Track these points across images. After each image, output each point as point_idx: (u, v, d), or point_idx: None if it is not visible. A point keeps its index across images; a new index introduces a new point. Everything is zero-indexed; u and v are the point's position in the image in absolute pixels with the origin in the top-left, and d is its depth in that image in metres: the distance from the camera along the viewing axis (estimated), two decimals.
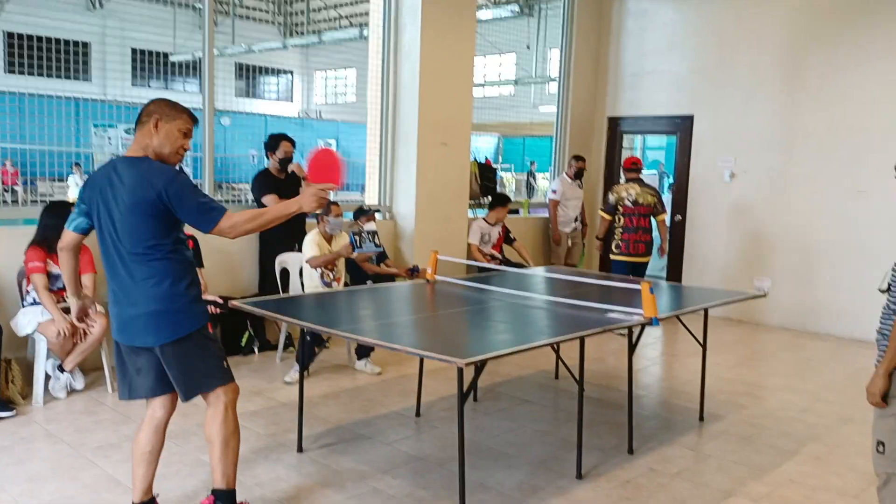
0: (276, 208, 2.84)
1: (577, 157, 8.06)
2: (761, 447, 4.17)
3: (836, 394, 5.27)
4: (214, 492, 2.93)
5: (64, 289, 4.56)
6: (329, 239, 5.40)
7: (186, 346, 2.79)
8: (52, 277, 4.57)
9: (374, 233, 5.31)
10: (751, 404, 4.98)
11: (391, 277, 5.94)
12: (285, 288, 5.63)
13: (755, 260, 7.64)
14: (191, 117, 2.85)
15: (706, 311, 4.57)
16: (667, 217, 7.20)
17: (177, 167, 2.83)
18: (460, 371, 2.83)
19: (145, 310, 2.73)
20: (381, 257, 6.10)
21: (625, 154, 9.09)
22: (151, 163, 2.75)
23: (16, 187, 10.10)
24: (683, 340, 6.56)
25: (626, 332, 4.04)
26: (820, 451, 4.14)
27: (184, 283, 2.77)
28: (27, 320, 4.49)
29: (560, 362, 4.95)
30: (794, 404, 5.01)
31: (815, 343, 6.88)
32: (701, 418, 4.59)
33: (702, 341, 4.64)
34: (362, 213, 6.05)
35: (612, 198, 6.92)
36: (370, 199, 7.05)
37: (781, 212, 7.41)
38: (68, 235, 2.88)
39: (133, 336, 2.79)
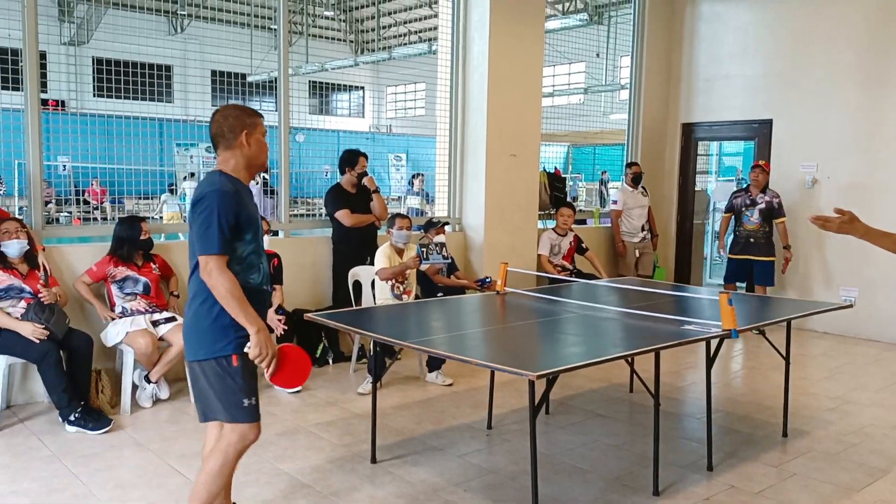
0: (244, 310, 2.62)
1: (630, 164, 7.97)
2: (849, 465, 3.97)
3: None
4: None
5: (141, 295, 4.81)
6: (400, 252, 5.46)
7: (204, 369, 2.73)
8: (126, 282, 4.82)
9: (441, 244, 5.34)
10: (838, 420, 4.75)
11: (462, 290, 5.96)
12: (358, 300, 5.72)
13: (841, 269, 7.31)
14: (262, 117, 2.84)
15: (789, 322, 4.39)
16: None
17: (231, 186, 2.71)
18: (532, 384, 2.81)
19: (184, 324, 2.80)
20: (451, 269, 6.13)
21: (700, 161, 8.88)
22: (209, 178, 2.75)
23: (104, 205, 10.64)
24: (765, 353, 6.33)
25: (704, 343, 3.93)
26: None
27: (218, 306, 2.66)
28: (115, 332, 4.71)
29: (634, 375, 4.85)
30: (885, 420, 4.75)
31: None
32: (784, 434, 4.41)
33: (784, 354, 4.46)
34: (431, 225, 6.10)
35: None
36: (440, 211, 7.10)
37: (868, 218, 6.89)
38: None
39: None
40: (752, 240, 7.16)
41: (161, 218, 10.56)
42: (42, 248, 4.71)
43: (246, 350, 2.67)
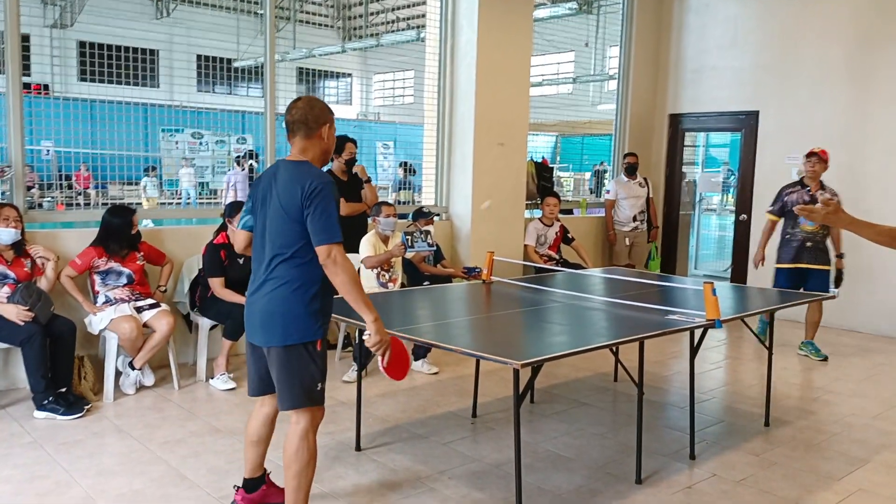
0: (363, 298, 2.73)
1: (626, 154, 8.03)
2: (830, 454, 4.02)
3: None
4: None
5: (125, 285, 4.77)
6: (385, 240, 5.45)
7: (290, 355, 2.77)
8: (109, 274, 4.76)
9: (426, 232, 5.33)
10: (820, 410, 4.80)
11: (448, 278, 5.95)
12: None
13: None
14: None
15: (772, 313, 4.43)
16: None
17: (330, 178, 2.82)
18: (516, 372, 2.82)
19: (264, 308, 2.78)
20: (438, 258, 6.12)
21: (687, 152, 8.90)
22: (311, 167, 2.81)
23: (88, 190, 10.53)
24: (749, 343, 6.38)
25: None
26: (894, 459, 3.97)
27: (311, 292, 2.75)
28: (99, 318, 4.67)
29: (619, 365, 4.87)
30: (867, 410, 4.81)
31: (890, 347, 6.60)
32: (766, 424, 4.46)
33: (767, 344, 4.50)
34: (421, 214, 6.08)
35: None
36: (427, 199, 7.08)
37: (852, 210, 6.97)
38: (240, 234, 3.02)
39: (252, 331, 2.87)
40: (808, 244, 5.97)
41: (141, 204, 10.48)
42: (29, 243, 4.65)
43: (365, 337, 2.78)
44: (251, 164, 9.01)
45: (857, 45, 7.08)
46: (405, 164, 10.39)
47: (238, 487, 3.13)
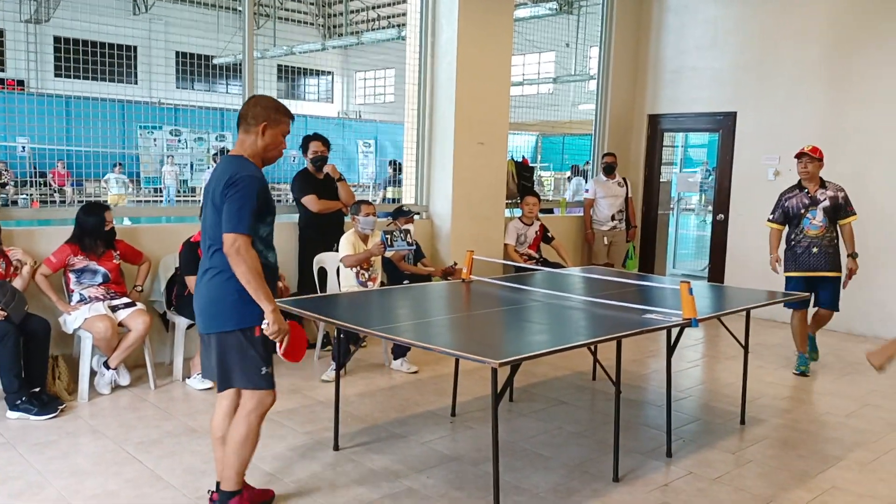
0: (262, 288, 2.78)
1: (605, 154, 8.11)
2: (805, 452, 4.07)
3: (885, 399, 5.11)
4: (218, 491, 3.03)
5: (100, 284, 4.71)
6: (365, 238, 5.43)
7: (228, 340, 2.88)
8: (85, 273, 4.70)
9: (406, 231, 5.32)
10: (794, 408, 4.86)
11: (428, 277, 5.95)
12: (323, 287, 5.68)
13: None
14: (291, 118, 3.00)
15: (748, 312, 4.47)
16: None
17: (260, 173, 2.90)
18: (494, 372, 2.82)
19: (202, 298, 2.93)
20: (418, 256, 6.11)
21: (666, 152, 8.96)
22: (239, 161, 2.88)
23: (65, 188, 10.40)
24: (725, 342, 6.44)
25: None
26: (866, 457, 4.02)
27: (232, 279, 2.81)
28: (73, 317, 4.61)
29: (597, 364, 4.90)
30: (840, 409, 4.87)
31: (864, 346, 6.69)
32: (742, 422, 4.50)
33: (743, 343, 4.54)
34: (401, 213, 6.07)
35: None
36: (407, 198, 7.07)
37: None
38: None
39: (197, 320, 3.00)
40: (814, 249, 5.53)
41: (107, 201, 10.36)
42: (5, 244, 4.58)
43: (263, 327, 2.84)
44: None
45: (834, 47, 7.17)
46: (394, 162, 10.40)
47: (212, 492, 3.10)
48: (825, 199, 5.54)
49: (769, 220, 5.81)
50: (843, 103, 7.13)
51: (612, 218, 7.95)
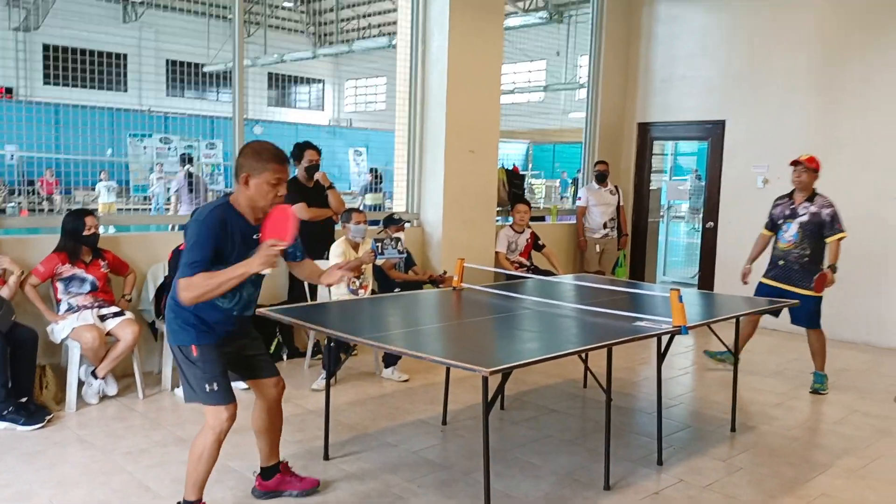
0: (224, 273, 2.77)
1: (597, 162, 8.12)
2: (794, 460, 4.08)
3: (873, 405, 5.13)
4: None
5: (88, 293, 4.69)
6: (356, 247, 5.42)
7: (177, 354, 3.01)
8: (72, 281, 4.68)
9: (397, 239, 5.31)
10: (784, 415, 4.87)
11: (419, 285, 5.94)
12: (313, 296, 5.66)
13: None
14: (279, 165, 2.86)
15: (738, 319, 4.49)
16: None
17: (214, 217, 2.86)
18: (485, 380, 2.82)
19: (166, 311, 3.10)
20: (409, 264, 6.10)
21: (655, 160, 9.00)
22: (215, 205, 2.93)
23: (53, 196, 10.35)
24: (715, 349, 6.45)
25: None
26: (855, 464, 4.04)
27: (176, 303, 2.92)
28: (61, 326, 4.58)
29: (588, 371, 4.90)
30: (829, 416, 4.89)
31: (851, 353, 6.72)
32: (732, 429, 4.51)
33: (733, 350, 4.55)
34: (392, 221, 6.06)
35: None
36: (398, 206, 7.07)
37: None
38: None
39: None
40: (781, 262, 5.41)
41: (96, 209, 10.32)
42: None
43: (265, 273, 2.89)
44: (189, 171, 8.91)
45: (823, 56, 7.23)
46: (374, 170, 10.47)
47: (256, 473, 3.38)
48: (805, 214, 5.33)
49: (764, 226, 5.74)
50: (833, 112, 7.19)
51: (604, 226, 7.97)
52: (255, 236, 2.89)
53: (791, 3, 7.41)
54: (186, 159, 9.43)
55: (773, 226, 5.59)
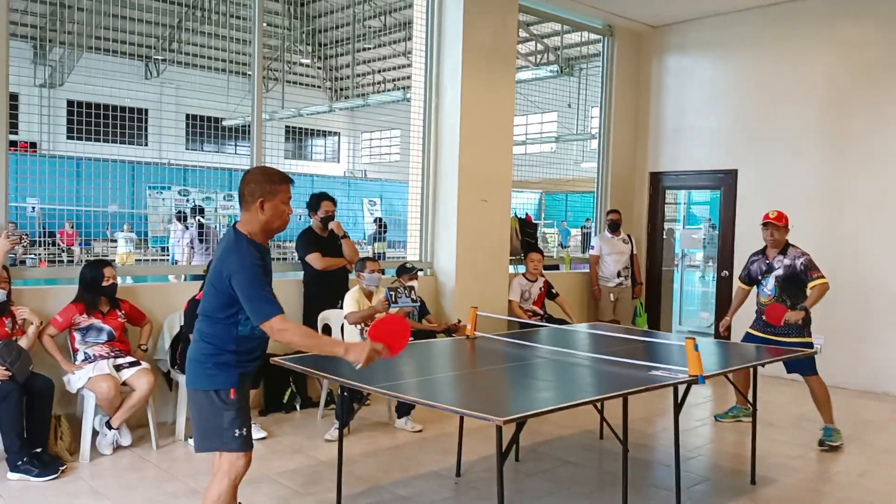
0: (326, 344, 2.97)
1: (610, 211, 8.15)
2: None
3: None
4: None
5: (105, 342, 4.72)
6: (369, 295, 5.45)
7: (202, 399, 2.94)
8: (89, 331, 4.72)
9: (410, 287, 5.33)
10: (805, 467, 4.77)
11: (432, 334, 5.94)
12: None
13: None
14: (289, 183, 2.98)
15: (755, 369, 4.43)
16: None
17: (250, 254, 2.88)
18: (499, 429, 2.79)
19: (188, 356, 3.03)
20: (423, 313, 6.11)
21: (668, 209, 9.03)
22: (239, 245, 2.88)
23: (73, 248, 10.49)
24: (733, 400, 6.36)
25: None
26: None
27: (214, 346, 2.91)
28: (78, 376, 4.60)
29: (604, 422, 4.84)
30: (852, 468, 4.78)
31: (874, 403, 6.60)
32: (752, 482, 4.42)
33: (751, 401, 4.49)
34: (405, 270, 6.10)
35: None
36: (412, 255, 7.12)
37: (832, 268, 7.12)
38: None
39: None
40: (764, 316, 5.43)
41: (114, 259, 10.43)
42: (15, 304, 4.62)
43: (357, 367, 2.91)
44: (200, 220, 9.02)
45: (831, 107, 7.30)
46: (379, 219, 10.65)
47: None
48: (780, 268, 5.38)
49: (739, 278, 5.85)
50: (841, 162, 7.22)
51: (618, 274, 7.96)
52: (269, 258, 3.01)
53: (798, 56, 7.52)
54: (197, 210, 9.57)
55: (751, 280, 5.64)
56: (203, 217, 8.97)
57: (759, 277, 5.55)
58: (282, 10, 20.13)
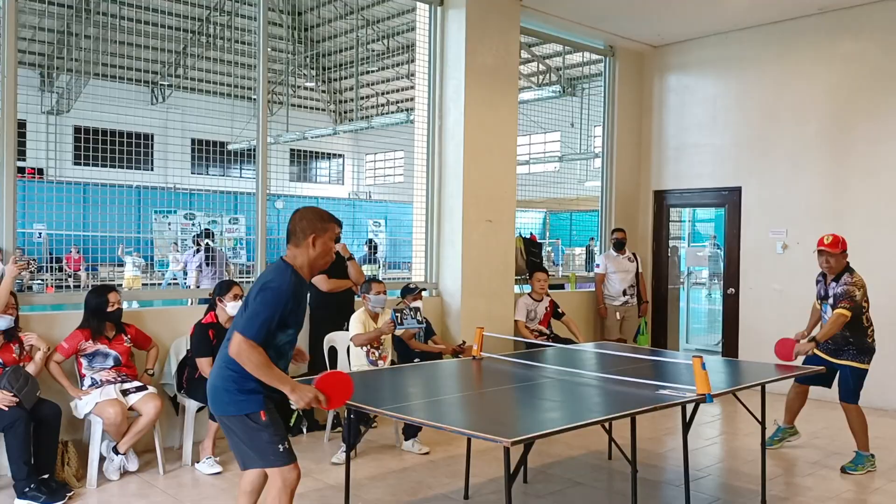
0: (276, 378, 2.96)
1: (615, 230, 8.16)
2: None
3: None
4: None
5: (111, 367, 4.72)
6: (375, 317, 5.45)
7: (234, 425, 3.02)
8: (96, 356, 4.73)
9: (416, 309, 5.33)
10: (816, 486, 4.72)
11: (438, 355, 5.93)
12: (333, 367, 5.66)
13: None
14: (337, 223, 3.22)
15: (763, 386, 4.41)
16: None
17: (296, 284, 3.04)
18: (507, 451, 2.78)
19: (210, 382, 3.10)
20: (428, 334, 6.11)
21: (673, 226, 9.03)
22: (281, 269, 3.04)
23: (79, 272, 10.54)
24: (742, 418, 6.32)
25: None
26: None
27: (240, 374, 2.95)
28: (85, 402, 4.60)
29: (612, 442, 4.81)
30: (863, 486, 4.74)
31: (882, 420, 6.54)
32: (763, 501, 4.37)
33: (760, 419, 4.46)
34: (409, 291, 6.10)
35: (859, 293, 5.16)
36: (416, 276, 7.12)
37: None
38: None
39: (209, 402, 3.13)
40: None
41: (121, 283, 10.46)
42: (22, 330, 4.64)
43: (294, 407, 3.01)
44: (208, 244, 9.08)
45: (832, 121, 7.32)
46: (370, 241, 10.76)
47: None
48: (832, 296, 5.21)
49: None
50: (845, 176, 7.23)
51: (624, 293, 7.95)
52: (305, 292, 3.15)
53: (798, 72, 7.55)
54: (205, 234, 9.63)
55: (819, 299, 5.47)
56: (212, 241, 9.02)
57: (820, 302, 5.41)
58: (286, 34, 20.35)
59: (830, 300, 5.22)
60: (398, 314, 5.24)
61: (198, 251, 9.37)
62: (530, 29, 7.84)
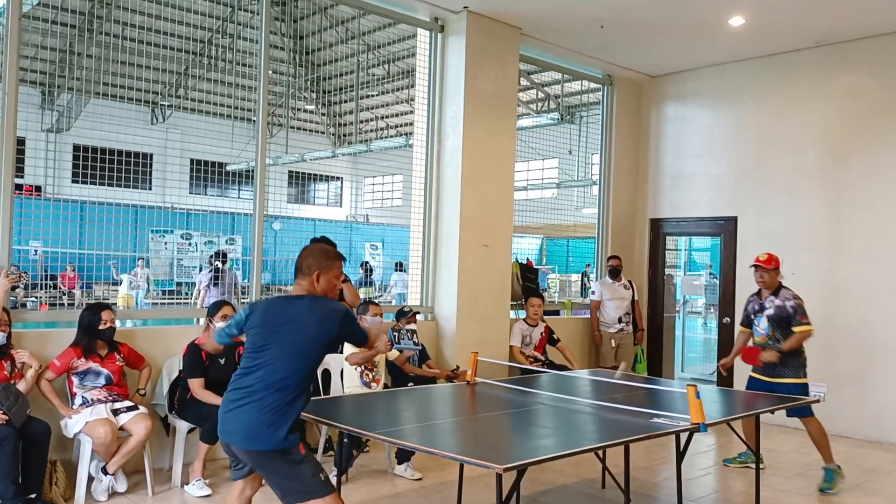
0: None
1: (610, 257, 8.17)
2: None
3: None
4: None
5: (103, 386, 4.69)
6: None
7: (273, 458, 3.04)
8: (87, 374, 4.70)
9: (412, 331, 5.33)
10: None
11: (432, 379, 5.90)
12: (326, 389, 5.63)
13: (809, 364, 7.36)
14: (341, 261, 3.34)
15: (758, 417, 4.39)
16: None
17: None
18: (499, 477, 2.76)
19: (242, 416, 3.06)
20: (423, 358, 6.08)
21: (669, 255, 9.04)
22: (324, 300, 3.22)
23: (74, 290, 10.51)
24: (737, 448, 6.29)
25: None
26: None
27: (283, 405, 3.03)
28: (75, 421, 4.56)
29: (605, 471, 4.77)
30: None
31: (878, 452, 6.51)
32: None
33: (755, 450, 4.44)
34: (403, 314, 6.09)
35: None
36: (412, 300, 7.12)
37: (833, 314, 7.18)
38: (214, 343, 3.74)
39: (236, 437, 3.10)
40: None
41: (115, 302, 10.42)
42: (15, 347, 4.61)
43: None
44: (217, 266, 9.08)
45: (829, 153, 7.38)
46: (365, 263, 10.75)
47: None
48: (770, 308, 5.52)
49: (740, 322, 6.02)
50: (841, 207, 7.26)
51: (620, 320, 7.94)
52: None
53: (796, 104, 7.62)
54: (217, 255, 9.63)
55: (748, 322, 5.78)
56: (223, 262, 9.03)
57: (753, 317, 5.69)
58: (287, 57, 20.52)
59: (770, 311, 5.52)
60: (396, 333, 5.24)
61: (210, 271, 9.38)
62: (530, 57, 7.92)
